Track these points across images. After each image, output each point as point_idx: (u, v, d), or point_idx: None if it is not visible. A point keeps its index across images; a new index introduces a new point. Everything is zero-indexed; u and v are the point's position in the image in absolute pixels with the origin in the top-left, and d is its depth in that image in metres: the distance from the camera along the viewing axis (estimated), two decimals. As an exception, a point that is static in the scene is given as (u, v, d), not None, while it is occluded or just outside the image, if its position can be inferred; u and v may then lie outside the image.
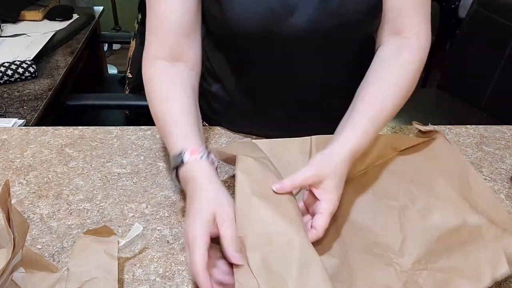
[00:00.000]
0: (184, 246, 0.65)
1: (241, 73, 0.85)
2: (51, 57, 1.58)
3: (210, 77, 0.90)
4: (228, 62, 0.85)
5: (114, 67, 3.01)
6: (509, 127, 0.96)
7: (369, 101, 0.71)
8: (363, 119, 0.69)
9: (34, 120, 1.21)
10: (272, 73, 0.82)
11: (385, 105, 0.71)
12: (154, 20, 0.75)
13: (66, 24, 1.79)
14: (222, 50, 0.84)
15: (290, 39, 0.76)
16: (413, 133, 0.93)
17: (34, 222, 0.69)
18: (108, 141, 0.87)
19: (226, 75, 0.87)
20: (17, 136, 0.89)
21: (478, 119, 1.64)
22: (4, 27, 1.72)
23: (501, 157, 0.87)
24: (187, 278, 0.62)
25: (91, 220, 0.70)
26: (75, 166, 0.81)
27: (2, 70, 1.36)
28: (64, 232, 0.68)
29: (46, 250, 0.64)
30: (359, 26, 0.77)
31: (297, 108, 0.86)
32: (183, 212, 0.72)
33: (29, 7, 1.84)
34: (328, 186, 0.62)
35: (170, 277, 0.62)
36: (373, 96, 0.71)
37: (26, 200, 0.73)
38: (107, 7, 3.07)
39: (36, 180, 0.77)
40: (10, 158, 0.82)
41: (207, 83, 0.91)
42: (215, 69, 0.88)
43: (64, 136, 0.88)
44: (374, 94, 0.71)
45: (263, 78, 0.83)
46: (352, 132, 0.67)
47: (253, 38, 0.76)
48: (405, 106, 0.75)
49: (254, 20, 0.73)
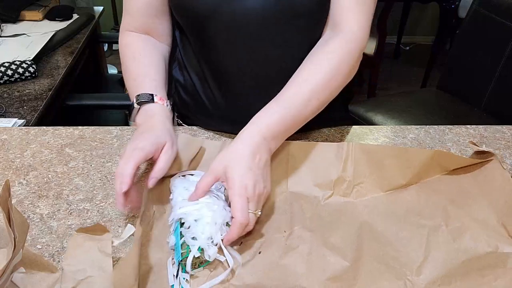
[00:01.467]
0: (120, 154, 0.72)
1: (203, 59, 0.86)
2: (51, 57, 1.58)
3: (180, 69, 0.93)
4: (192, 49, 0.87)
5: (114, 67, 3.01)
6: (509, 127, 0.96)
7: (285, 87, 0.75)
8: (271, 103, 0.73)
9: (34, 120, 1.21)
10: (231, 58, 0.82)
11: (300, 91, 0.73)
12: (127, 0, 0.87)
13: (66, 24, 1.79)
14: (186, 36, 0.87)
15: (241, 20, 0.77)
16: (413, 133, 0.93)
17: (34, 222, 0.69)
18: (108, 141, 0.87)
19: (192, 63, 0.89)
20: (17, 136, 0.89)
21: (478, 119, 1.64)
22: (4, 27, 1.72)
23: (501, 157, 0.87)
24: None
25: (91, 220, 0.70)
26: (75, 166, 0.81)
27: (2, 70, 1.36)
28: (64, 232, 0.67)
29: (46, 250, 0.64)
30: (306, 13, 0.77)
31: (259, 98, 0.85)
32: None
33: (29, 7, 1.84)
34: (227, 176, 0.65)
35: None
36: (289, 84, 0.75)
37: (26, 200, 0.73)
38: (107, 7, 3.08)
39: (36, 180, 0.77)
40: (10, 158, 0.82)
41: (178, 75, 0.94)
42: (184, 61, 0.91)
43: (64, 136, 0.88)
44: (291, 82, 0.75)
45: (223, 64, 0.84)
46: (256, 116, 0.72)
47: (204, 18, 0.78)
48: (405, 106, 0.76)
49: (208, 2, 0.77)
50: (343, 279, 0.60)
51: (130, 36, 0.87)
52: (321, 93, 0.74)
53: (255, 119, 0.71)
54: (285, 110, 0.71)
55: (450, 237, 0.66)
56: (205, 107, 0.90)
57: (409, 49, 3.69)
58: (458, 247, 0.64)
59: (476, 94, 1.70)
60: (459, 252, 0.63)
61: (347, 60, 0.76)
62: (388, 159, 0.75)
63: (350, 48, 0.76)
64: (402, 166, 0.74)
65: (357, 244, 0.65)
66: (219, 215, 0.63)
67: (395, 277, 0.60)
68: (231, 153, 0.66)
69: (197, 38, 0.84)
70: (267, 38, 0.79)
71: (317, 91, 0.73)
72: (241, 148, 0.66)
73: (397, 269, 0.62)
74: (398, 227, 0.68)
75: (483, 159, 0.73)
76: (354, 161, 0.76)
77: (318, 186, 0.74)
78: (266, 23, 0.77)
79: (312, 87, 0.73)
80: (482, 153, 0.73)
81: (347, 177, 0.75)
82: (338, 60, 0.75)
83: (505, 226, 0.66)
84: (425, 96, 1.91)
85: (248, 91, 0.85)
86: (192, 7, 0.78)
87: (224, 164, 0.65)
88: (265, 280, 0.60)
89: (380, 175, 0.75)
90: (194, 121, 0.95)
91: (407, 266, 0.62)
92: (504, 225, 0.66)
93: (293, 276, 0.60)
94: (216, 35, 0.80)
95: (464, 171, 0.75)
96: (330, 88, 0.75)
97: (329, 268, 0.61)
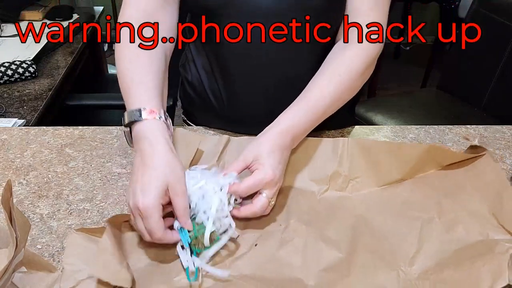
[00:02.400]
0: (130, 212, 0.63)
1: (213, 55, 0.86)
2: (51, 57, 1.58)
3: (188, 65, 0.93)
4: (202, 45, 0.86)
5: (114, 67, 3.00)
6: (509, 127, 0.96)
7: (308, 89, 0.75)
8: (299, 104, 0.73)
9: (34, 120, 1.21)
10: (241, 55, 0.82)
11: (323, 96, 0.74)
12: None
13: (66, 24, 1.79)
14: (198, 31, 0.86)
15: (250, 16, 0.77)
16: (413, 133, 0.93)
17: (34, 222, 0.69)
18: (108, 141, 0.87)
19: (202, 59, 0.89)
20: (17, 136, 0.89)
21: (478, 119, 1.64)
22: (4, 27, 1.72)
23: (501, 157, 0.87)
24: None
25: (91, 220, 0.70)
26: (75, 166, 0.81)
27: (2, 70, 1.36)
28: (64, 232, 0.67)
29: (46, 250, 0.64)
30: (317, 15, 0.78)
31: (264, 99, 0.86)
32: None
33: (29, 7, 1.84)
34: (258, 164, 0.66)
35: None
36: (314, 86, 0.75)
37: (26, 200, 0.73)
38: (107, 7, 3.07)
39: (36, 180, 0.77)
40: (10, 158, 0.82)
41: (185, 71, 0.93)
42: (194, 56, 0.90)
43: (64, 136, 0.88)
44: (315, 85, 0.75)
45: (232, 61, 0.84)
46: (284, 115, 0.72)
47: (215, 11, 0.78)
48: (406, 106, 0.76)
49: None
50: (338, 270, 0.61)
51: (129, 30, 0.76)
52: (342, 97, 0.76)
53: (285, 119, 0.72)
54: (311, 115, 0.73)
55: (443, 228, 0.67)
56: (211, 104, 0.90)
57: (409, 49, 3.69)
58: (451, 237, 0.65)
59: (476, 94, 1.70)
60: (451, 243, 0.64)
61: (367, 63, 0.77)
62: (383, 154, 0.75)
63: (368, 52, 0.77)
64: (398, 161, 0.75)
65: (352, 237, 0.66)
66: (222, 183, 0.66)
67: (388, 268, 0.61)
68: (264, 145, 0.68)
69: (208, 32, 0.83)
70: (278, 36, 0.79)
71: (339, 97, 0.76)
72: (274, 143, 0.69)
73: (390, 261, 0.63)
74: (393, 221, 0.69)
75: (476, 153, 0.74)
76: (350, 156, 0.76)
77: (315, 181, 0.75)
78: (278, 20, 0.77)
79: (336, 92, 0.75)
80: (475, 147, 0.74)
81: (342, 171, 0.76)
82: (359, 64, 0.76)
83: (496, 215, 0.68)
84: (425, 96, 1.92)
85: (254, 91, 0.85)
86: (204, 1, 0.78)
87: (256, 154, 0.67)
88: (262, 271, 0.61)
89: (376, 170, 0.75)
90: (199, 118, 0.95)
91: (400, 257, 0.63)
92: (495, 214, 0.68)
93: (289, 267, 0.62)
94: (226, 29, 0.80)
95: (457, 166, 0.76)
96: (350, 91, 0.78)
97: (324, 260, 0.62)
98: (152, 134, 0.65)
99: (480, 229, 0.66)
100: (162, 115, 0.68)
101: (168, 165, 0.63)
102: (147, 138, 0.65)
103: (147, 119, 0.67)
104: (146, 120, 0.67)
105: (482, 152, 0.74)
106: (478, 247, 0.63)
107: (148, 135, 0.65)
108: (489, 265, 0.60)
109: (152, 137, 0.65)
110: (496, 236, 0.64)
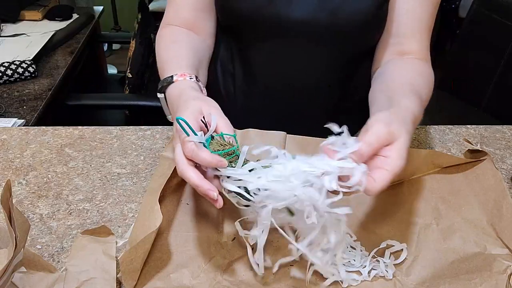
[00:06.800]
0: (173, 137, 0.60)
1: (238, 56, 0.86)
2: (51, 57, 1.58)
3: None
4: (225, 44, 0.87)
5: (114, 67, 3.00)
6: (509, 127, 0.96)
7: (402, 86, 0.69)
8: (407, 93, 0.65)
9: (34, 120, 1.21)
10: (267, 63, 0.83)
11: (417, 87, 0.70)
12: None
13: (66, 24, 1.79)
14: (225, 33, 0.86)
15: (285, 28, 0.77)
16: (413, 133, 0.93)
17: (34, 222, 0.69)
18: (108, 141, 0.87)
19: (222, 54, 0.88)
20: (17, 136, 0.88)
21: (478, 119, 1.64)
22: (4, 27, 1.72)
23: (501, 157, 0.87)
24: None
25: (91, 220, 0.70)
26: (75, 166, 0.81)
27: (1, 70, 1.36)
28: (64, 232, 0.67)
29: (46, 250, 0.64)
30: (352, 34, 0.77)
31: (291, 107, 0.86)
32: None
33: (29, 7, 1.84)
34: (400, 144, 0.55)
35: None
36: (403, 81, 0.71)
37: (26, 200, 0.73)
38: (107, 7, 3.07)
39: (36, 180, 0.77)
40: (10, 158, 0.82)
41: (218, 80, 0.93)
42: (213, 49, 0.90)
43: (64, 136, 0.88)
44: (402, 80, 0.71)
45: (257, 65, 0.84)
46: (408, 100, 0.63)
47: (250, 24, 0.78)
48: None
49: (254, 5, 0.76)
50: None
51: (171, 28, 0.82)
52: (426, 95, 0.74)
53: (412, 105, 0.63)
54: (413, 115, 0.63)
55: (441, 236, 0.66)
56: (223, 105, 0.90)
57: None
58: (448, 247, 0.64)
59: (476, 94, 1.70)
60: (448, 252, 0.63)
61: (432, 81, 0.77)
62: None
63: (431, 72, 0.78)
64: None
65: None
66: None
67: (384, 278, 0.61)
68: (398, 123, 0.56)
69: (237, 36, 0.84)
70: (308, 52, 0.80)
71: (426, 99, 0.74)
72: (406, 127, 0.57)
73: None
74: (390, 225, 0.68)
75: (476, 158, 0.74)
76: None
77: None
78: (309, 36, 0.78)
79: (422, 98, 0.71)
80: (476, 152, 0.73)
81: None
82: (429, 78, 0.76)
83: (494, 226, 0.67)
84: (425, 96, 1.91)
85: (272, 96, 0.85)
86: (236, 8, 0.78)
87: (392, 131, 0.55)
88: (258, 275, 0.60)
89: None
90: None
91: (397, 265, 0.62)
92: (493, 225, 0.67)
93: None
94: (256, 37, 0.81)
95: (456, 169, 0.75)
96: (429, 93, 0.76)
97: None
98: (184, 91, 0.65)
99: (477, 239, 0.65)
100: (193, 78, 0.69)
101: (202, 96, 0.63)
102: (180, 95, 0.64)
103: (177, 80, 0.68)
104: (177, 81, 0.68)
105: (484, 156, 0.73)
106: (475, 261, 0.62)
107: (181, 92, 0.65)
108: (487, 284, 0.58)
109: (185, 93, 0.64)
110: (493, 251, 0.63)
